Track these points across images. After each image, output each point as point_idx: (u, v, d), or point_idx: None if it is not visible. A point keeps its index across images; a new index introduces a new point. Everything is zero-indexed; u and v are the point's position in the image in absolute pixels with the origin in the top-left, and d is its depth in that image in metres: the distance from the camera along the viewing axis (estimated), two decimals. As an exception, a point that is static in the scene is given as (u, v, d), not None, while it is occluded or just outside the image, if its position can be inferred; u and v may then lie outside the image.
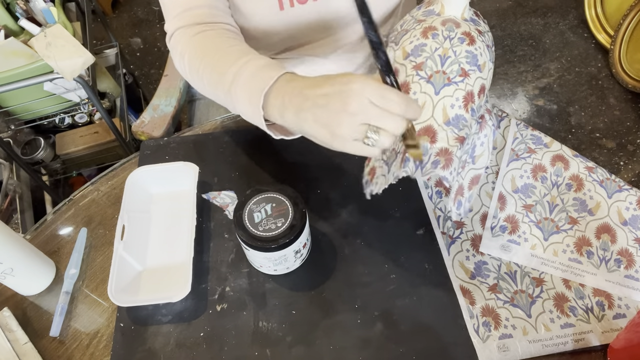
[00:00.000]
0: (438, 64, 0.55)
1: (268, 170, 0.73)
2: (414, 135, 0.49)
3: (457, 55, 0.55)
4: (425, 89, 0.54)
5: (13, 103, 1.25)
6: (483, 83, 0.57)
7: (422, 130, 0.54)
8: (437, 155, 0.53)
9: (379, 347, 0.57)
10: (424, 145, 0.53)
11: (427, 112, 0.54)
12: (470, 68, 0.55)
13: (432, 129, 0.54)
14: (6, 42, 1.11)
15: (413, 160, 0.53)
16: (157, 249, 0.66)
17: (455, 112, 0.55)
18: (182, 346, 0.58)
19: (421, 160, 0.53)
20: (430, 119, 0.54)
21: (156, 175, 0.70)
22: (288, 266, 0.61)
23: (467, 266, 0.62)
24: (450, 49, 0.55)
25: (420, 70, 0.55)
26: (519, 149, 0.69)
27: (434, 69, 0.55)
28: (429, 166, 0.53)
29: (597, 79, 1.91)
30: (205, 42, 0.61)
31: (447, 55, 0.55)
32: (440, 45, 0.55)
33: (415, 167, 0.53)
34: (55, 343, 0.60)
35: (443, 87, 0.54)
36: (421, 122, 0.54)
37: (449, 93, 0.54)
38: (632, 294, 0.60)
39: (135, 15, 2.31)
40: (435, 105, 0.54)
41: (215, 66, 0.57)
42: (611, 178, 0.66)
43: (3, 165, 1.35)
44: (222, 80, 0.55)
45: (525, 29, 2.10)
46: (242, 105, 0.54)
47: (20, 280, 0.61)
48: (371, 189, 0.57)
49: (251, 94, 0.51)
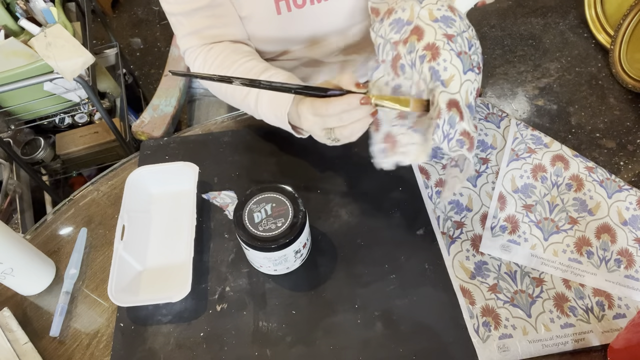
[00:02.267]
0: (465, 45, 0.54)
1: (268, 170, 0.73)
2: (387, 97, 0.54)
3: (476, 48, 0.55)
4: (455, 62, 0.53)
5: (13, 103, 1.25)
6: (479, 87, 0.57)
7: (452, 102, 0.52)
8: (462, 134, 0.53)
9: (379, 347, 0.57)
10: (453, 116, 0.52)
11: (455, 85, 0.53)
12: (481, 66, 0.56)
13: (459, 106, 0.53)
14: (6, 42, 1.11)
15: (442, 131, 0.52)
16: (157, 249, 0.66)
17: (471, 100, 0.54)
18: (182, 346, 0.58)
19: (424, 106, 0.54)
20: (457, 94, 0.53)
21: (156, 175, 0.70)
22: (288, 266, 0.61)
23: (467, 266, 0.62)
24: (473, 38, 0.55)
25: (451, 41, 0.53)
26: (519, 149, 0.69)
27: (462, 48, 0.54)
28: (455, 143, 0.52)
29: (597, 79, 1.91)
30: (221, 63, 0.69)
31: (471, 43, 0.55)
32: (466, 30, 0.55)
33: (443, 137, 0.52)
34: (55, 343, 0.60)
35: (468, 71, 0.54)
36: (451, 92, 0.53)
37: (471, 79, 0.54)
38: (632, 294, 0.60)
39: (135, 15, 2.31)
40: (463, 84, 0.53)
41: (236, 89, 0.68)
42: (611, 178, 0.66)
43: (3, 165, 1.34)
44: (246, 101, 0.67)
45: (525, 29, 2.10)
46: (270, 121, 0.66)
47: (20, 280, 0.61)
48: (399, 160, 0.55)
49: (275, 113, 0.63)
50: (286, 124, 0.63)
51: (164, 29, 2.23)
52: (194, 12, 0.68)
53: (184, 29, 0.71)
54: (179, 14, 0.69)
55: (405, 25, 0.56)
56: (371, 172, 0.71)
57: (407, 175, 0.70)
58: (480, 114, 0.73)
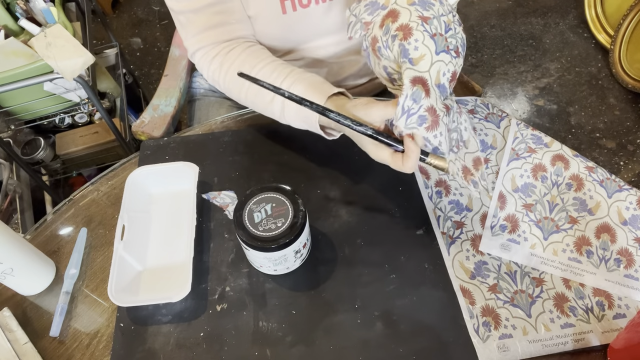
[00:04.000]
0: (442, 28, 0.55)
1: (268, 170, 0.73)
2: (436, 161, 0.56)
3: (456, 33, 0.56)
4: (428, 43, 0.54)
5: (13, 103, 1.25)
6: (459, 71, 0.57)
7: (417, 79, 0.53)
8: (426, 110, 0.53)
9: (379, 347, 0.57)
10: (418, 92, 0.53)
11: (425, 64, 0.54)
12: (461, 51, 0.56)
13: (426, 84, 0.54)
14: (6, 42, 1.11)
15: (401, 107, 0.53)
16: (157, 249, 0.66)
17: (444, 81, 0.55)
18: (182, 346, 0.58)
19: (446, 171, 0.56)
20: (426, 72, 0.54)
21: (156, 175, 0.70)
22: (288, 266, 0.61)
23: (467, 266, 0.62)
24: (453, 23, 0.56)
25: (425, 23, 0.54)
26: (519, 149, 0.69)
27: (438, 30, 0.54)
28: (415, 119, 0.53)
29: (597, 79, 1.91)
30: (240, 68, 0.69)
31: (449, 27, 0.55)
32: (446, 14, 0.56)
33: (401, 113, 0.53)
34: (55, 343, 0.60)
35: (442, 52, 0.54)
36: (419, 71, 0.54)
37: (445, 60, 0.55)
38: (631, 294, 0.60)
39: (135, 15, 2.31)
40: (433, 64, 0.54)
41: (258, 94, 0.68)
42: (611, 178, 0.66)
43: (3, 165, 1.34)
44: (271, 107, 0.67)
45: (525, 29, 2.10)
46: (298, 126, 0.67)
47: (20, 280, 0.61)
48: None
49: (304, 120, 0.64)
50: (317, 128, 0.63)
51: (164, 29, 2.23)
52: (204, 9, 0.68)
53: (194, 27, 0.70)
54: (188, 12, 0.68)
55: (379, 9, 0.57)
56: (371, 172, 0.71)
57: (407, 175, 0.70)
58: (480, 114, 0.73)
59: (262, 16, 0.71)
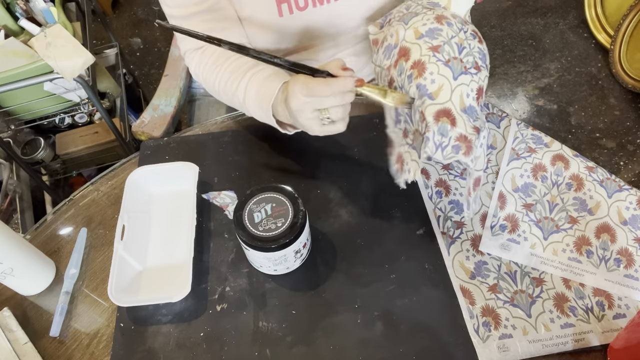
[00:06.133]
0: (455, 51, 0.54)
1: (268, 170, 0.73)
2: (376, 87, 0.55)
3: (471, 48, 0.55)
4: (443, 71, 0.53)
5: (13, 103, 1.25)
6: (485, 84, 0.57)
7: (440, 112, 0.53)
8: (457, 140, 0.53)
9: (379, 347, 0.57)
10: (444, 125, 0.52)
11: (445, 95, 0.53)
12: (481, 64, 0.56)
13: (450, 113, 0.53)
14: (6, 42, 1.11)
15: (433, 143, 0.52)
16: (157, 249, 0.66)
17: (470, 102, 0.54)
18: (182, 346, 0.58)
19: (406, 103, 0.55)
20: (448, 102, 0.53)
21: (156, 175, 0.70)
22: (288, 266, 0.61)
23: (467, 266, 0.62)
24: (465, 40, 0.55)
25: (437, 52, 0.54)
26: (519, 149, 0.69)
27: (451, 54, 0.54)
28: (450, 150, 0.53)
29: (597, 79, 1.91)
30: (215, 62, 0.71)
31: (463, 46, 0.55)
32: (456, 34, 0.55)
33: (435, 148, 0.52)
34: (55, 343, 0.60)
35: (460, 75, 0.54)
36: (440, 103, 0.53)
37: (466, 82, 0.54)
38: (631, 294, 0.60)
39: (135, 15, 2.31)
40: (454, 90, 0.53)
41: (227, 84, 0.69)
42: (611, 178, 0.66)
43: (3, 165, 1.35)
44: (236, 95, 0.68)
45: (525, 29, 2.10)
46: (257, 115, 0.67)
47: (20, 280, 0.61)
48: (406, 178, 0.56)
49: (261, 105, 0.63)
50: (270, 116, 0.63)
51: (164, 29, 2.22)
52: (194, 16, 0.69)
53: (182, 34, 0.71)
54: (179, 18, 0.70)
55: (392, 49, 0.57)
56: (371, 172, 0.71)
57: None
58: (480, 114, 0.73)
59: (257, 19, 0.71)
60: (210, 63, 0.71)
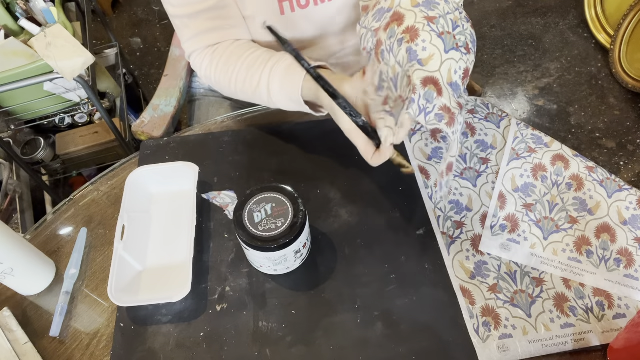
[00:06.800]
0: (450, 26, 0.54)
1: (268, 171, 0.73)
2: (401, 159, 0.60)
3: (464, 29, 0.55)
4: (436, 42, 0.53)
5: (13, 103, 1.25)
6: (471, 68, 0.57)
7: (428, 79, 0.53)
8: (441, 109, 0.53)
9: (379, 347, 0.57)
10: (430, 92, 0.53)
11: (435, 64, 0.53)
12: (471, 47, 0.56)
13: (438, 83, 0.53)
14: (6, 42, 1.11)
15: (417, 105, 0.53)
16: (157, 249, 0.66)
17: (456, 79, 0.55)
18: (182, 346, 0.58)
19: (413, 173, 0.58)
20: (437, 72, 0.53)
21: (156, 175, 0.70)
22: (288, 266, 0.61)
23: (467, 266, 0.62)
24: (460, 20, 0.56)
25: (432, 23, 0.54)
26: (519, 149, 0.69)
27: (445, 28, 0.54)
28: (433, 117, 0.53)
29: (597, 79, 1.91)
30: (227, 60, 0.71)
31: (457, 24, 0.55)
32: (452, 12, 0.55)
33: (419, 111, 0.53)
34: (55, 343, 0.60)
35: (452, 50, 0.54)
36: (429, 71, 0.53)
37: (456, 58, 0.54)
38: (631, 294, 0.60)
39: (135, 15, 2.31)
40: (443, 62, 0.54)
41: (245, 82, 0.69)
42: (611, 178, 0.66)
43: (3, 165, 1.34)
44: (258, 92, 0.68)
45: (525, 29, 2.10)
46: (287, 106, 0.68)
47: (20, 280, 0.61)
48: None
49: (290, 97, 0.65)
50: (302, 104, 0.64)
51: (164, 29, 2.23)
52: (199, 14, 0.68)
53: (189, 31, 0.71)
54: (184, 17, 0.69)
55: (385, 13, 0.57)
56: (371, 172, 0.71)
57: (407, 175, 0.70)
58: (480, 114, 0.73)
59: (259, 17, 0.71)
60: (222, 63, 0.71)
